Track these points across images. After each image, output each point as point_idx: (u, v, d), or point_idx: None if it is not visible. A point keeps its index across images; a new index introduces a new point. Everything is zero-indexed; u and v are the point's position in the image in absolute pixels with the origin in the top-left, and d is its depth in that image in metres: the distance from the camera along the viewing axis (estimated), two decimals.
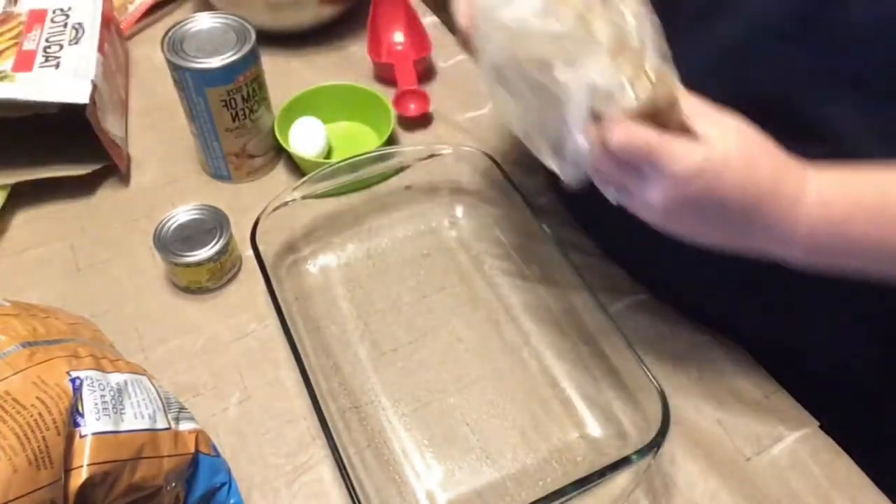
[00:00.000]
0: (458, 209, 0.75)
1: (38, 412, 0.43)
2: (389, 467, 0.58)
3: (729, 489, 0.57)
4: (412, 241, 0.73)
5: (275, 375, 0.64)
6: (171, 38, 0.70)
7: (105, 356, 0.52)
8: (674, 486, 0.58)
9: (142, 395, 0.51)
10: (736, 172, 0.44)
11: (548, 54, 0.45)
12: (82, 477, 0.43)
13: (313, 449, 0.59)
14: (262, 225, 0.64)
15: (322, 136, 0.78)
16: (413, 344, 0.65)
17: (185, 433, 0.53)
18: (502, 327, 0.66)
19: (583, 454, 0.59)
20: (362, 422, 0.60)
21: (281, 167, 0.80)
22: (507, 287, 0.69)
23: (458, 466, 0.58)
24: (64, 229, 0.74)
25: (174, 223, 0.68)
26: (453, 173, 0.74)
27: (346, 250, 0.72)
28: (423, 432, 0.60)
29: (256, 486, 0.57)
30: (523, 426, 0.60)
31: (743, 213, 0.46)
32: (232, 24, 0.71)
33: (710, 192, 0.44)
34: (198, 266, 0.66)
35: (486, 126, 0.85)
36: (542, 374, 0.63)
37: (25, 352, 0.46)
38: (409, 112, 0.84)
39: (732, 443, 0.60)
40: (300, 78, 0.87)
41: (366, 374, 0.63)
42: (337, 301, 0.68)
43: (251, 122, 0.74)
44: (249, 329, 0.67)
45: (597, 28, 0.44)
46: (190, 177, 0.79)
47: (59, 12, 0.81)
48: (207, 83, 0.69)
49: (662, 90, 0.44)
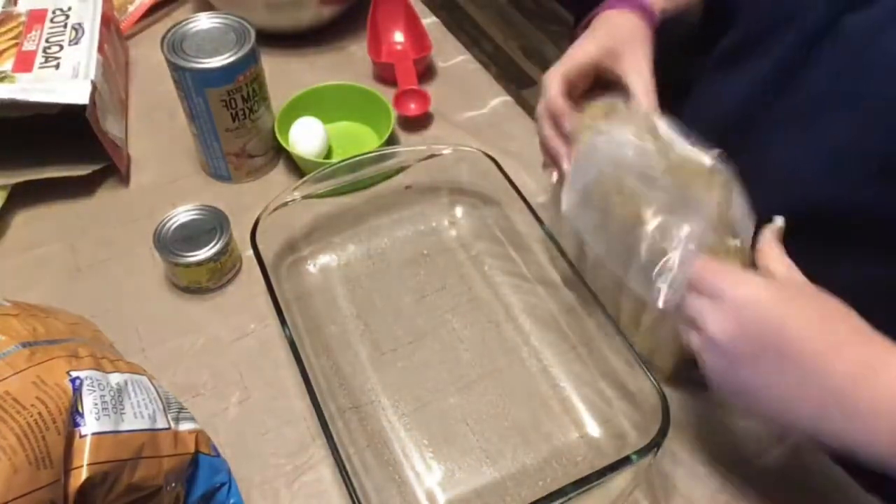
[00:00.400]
0: (458, 209, 0.75)
1: (38, 412, 0.43)
2: (389, 467, 0.58)
3: (729, 490, 0.57)
4: (412, 241, 0.73)
5: (275, 375, 0.64)
6: (171, 38, 0.70)
7: (105, 356, 0.52)
8: (673, 487, 0.58)
9: (142, 395, 0.51)
10: (801, 311, 0.42)
11: (646, 197, 0.54)
12: (82, 477, 0.43)
13: (313, 449, 0.59)
14: (262, 225, 0.64)
15: (322, 136, 0.78)
16: (413, 344, 0.65)
17: (185, 433, 0.53)
18: (502, 327, 0.66)
19: (583, 454, 0.59)
20: (362, 422, 0.60)
21: (281, 167, 0.80)
22: (507, 287, 0.69)
23: (458, 466, 0.58)
24: (64, 229, 0.74)
25: (174, 223, 0.68)
26: (453, 173, 0.74)
27: (346, 250, 0.72)
28: (423, 432, 0.60)
29: (256, 486, 0.57)
30: (523, 426, 0.60)
31: (810, 363, 0.41)
32: (232, 24, 0.71)
33: (765, 322, 0.42)
34: (198, 266, 0.66)
35: (486, 126, 0.85)
36: (541, 374, 0.63)
37: (25, 352, 0.46)
38: (409, 112, 0.84)
39: (733, 444, 0.60)
40: (300, 78, 0.87)
41: (366, 374, 0.63)
42: (337, 301, 0.68)
43: (251, 122, 0.74)
44: (249, 329, 0.67)
45: (696, 190, 0.52)
46: (190, 177, 0.79)
47: (58, 12, 0.81)
48: (207, 83, 0.69)
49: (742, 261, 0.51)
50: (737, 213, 0.52)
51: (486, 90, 0.90)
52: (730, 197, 0.53)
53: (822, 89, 0.54)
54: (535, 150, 0.82)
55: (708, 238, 0.52)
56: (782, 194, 0.53)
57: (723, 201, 0.52)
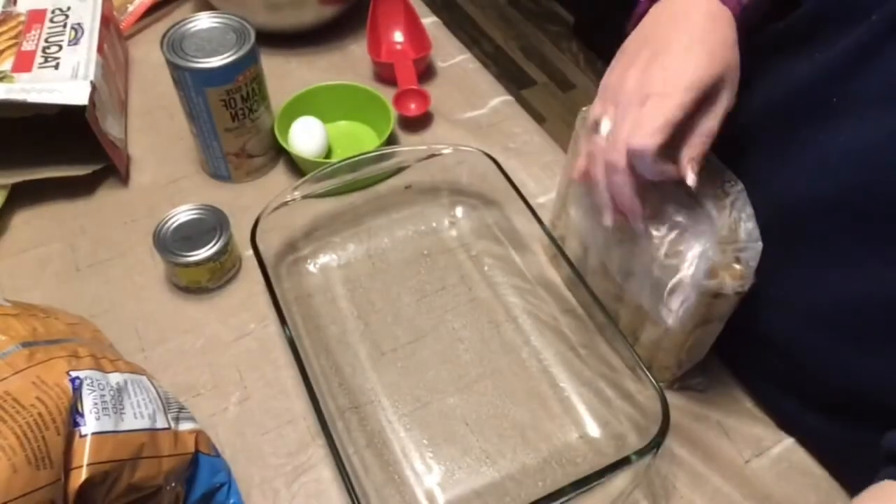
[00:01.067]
0: (458, 209, 0.75)
1: (37, 412, 0.43)
2: (389, 467, 0.58)
3: (728, 490, 0.57)
4: (412, 241, 0.73)
5: (275, 375, 0.64)
6: (171, 38, 0.70)
7: (105, 356, 0.52)
8: (673, 487, 0.58)
9: (141, 394, 0.51)
10: None
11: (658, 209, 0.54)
12: (82, 477, 0.43)
13: (313, 449, 0.59)
14: (262, 225, 0.64)
15: (322, 136, 0.78)
16: (413, 344, 0.65)
17: (185, 433, 0.53)
18: (502, 327, 0.67)
19: (582, 454, 0.59)
20: (362, 422, 0.60)
21: (281, 167, 0.80)
22: (507, 287, 0.69)
23: (458, 466, 0.58)
24: (64, 229, 0.74)
25: (174, 223, 0.68)
26: (453, 173, 0.74)
27: (346, 250, 0.72)
28: (423, 432, 0.60)
29: (256, 486, 0.57)
30: (523, 426, 0.60)
31: None
32: (232, 24, 0.71)
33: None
34: (198, 266, 0.66)
35: (486, 126, 0.85)
36: (541, 374, 0.63)
37: (25, 352, 0.46)
38: (409, 112, 0.84)
39: (732, 444, 0.60)
40: (300, 78, 0.87)
41: (366, 374, 0.63)
42: (337, 301, 0.68)
43: (251, 121, 0.74)
44: (249, 329, 0.67)
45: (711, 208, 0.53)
46: (190, 177, 0.79)
47: (58, 12, 0.81)
48: (207, 83, 0.69)
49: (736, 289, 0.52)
50: (743, 235, 0.52)
51: (486, 90, 0.90)
52: (739, 217, 0.53)
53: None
54: (535, 149, 0.83)
55: (716, 255, 0.51)
56: (841, 177, 0.50)
57: (734, 220, 0.52)
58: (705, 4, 0.51)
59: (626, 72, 0.51)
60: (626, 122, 0.49)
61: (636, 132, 0.48)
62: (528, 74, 2.25)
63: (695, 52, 0.48)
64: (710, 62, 0.48)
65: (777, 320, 0.59)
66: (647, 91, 0.48)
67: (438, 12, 1.00)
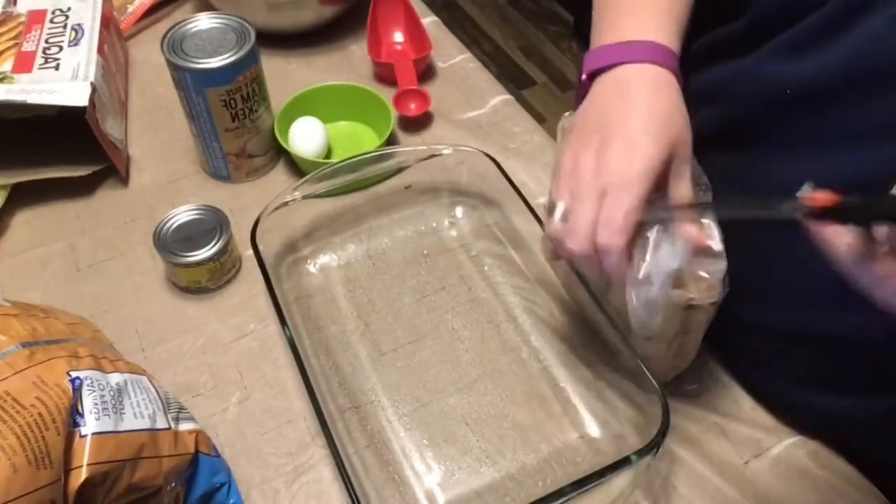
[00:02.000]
0: (458, 209, 0.75)
1: (38, 412, 0.43)
2: (389, 467, 0.58)
3: (728, 490, 0.58)
4: (412, 241, 0.73)
5: (275, 375, 0.64)
6: (171, 39, 0.70)
7: (105, 356, 0.52)
8: (673, 487, 0.58)
9: (141, 395, 0.51)
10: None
11: None
12: (82, 477, 0.43)
13: (313, 449, 0.59)
14: (262, 225, 0.64)
15: (322, 136, 0.78)
16: (413, 344, 0.65)
17: (185, 433, 0.53)
18: (502, 327, 0.67)
19: (582, 454, 0.59)
20: (362, 422, 0.60)
21: (281, 167, 0.80)
22: (507, 287, 0.69)
23: (458, 466, 0.58)
24: (64, 229, 0.74)
25: (174, 223, 0.68)
26: (453, 173, 0.74)
27: (346, 250, 0.72)
28: (423, 432, 0.60)
29: (256, 486, 0.57)
30: (523, 426, 0.60)
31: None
32: (232, 24, 0.71)
33: None
34: (198, 266, 0.66)
35: (486, 126, 0.85)
36: (541, 374, 0.63)
37: (25, 352, 0.46)
38: (409, 112, 0.84)
39: (732, 445, 0.60)
40: (300, 78, 0.87)
41: (366, 374, 0.63)
42: (337, 301, 0.68)
43: (251, 122, 0.74)
44: (249, 329, 0.67)
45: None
46: (190, 177, 0.79)
47: (58, 13, 0.81)
48: (207, 83, 0.69)
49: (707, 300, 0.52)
50: (714, 247, 0.52)
51: (486, 90, 0.90)
52: (711, 228, 0.53)
53: None
54: (535, 149, 0.83)
55: (683, 263, 0.50)
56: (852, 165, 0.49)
57: (705, 229, 0.52)
58: (647, 73, 0.50)
59: (578, 157, 0.50)
60: (584, 212, 0.48)
61: (603, 231, 0.47)
62: (528, 74, 2.25)
63: (642, 140, 0.48)
64: (658, 145, 0.48)
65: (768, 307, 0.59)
66: (602, 182, 0.48)
67: (438, 12, 1.00)
